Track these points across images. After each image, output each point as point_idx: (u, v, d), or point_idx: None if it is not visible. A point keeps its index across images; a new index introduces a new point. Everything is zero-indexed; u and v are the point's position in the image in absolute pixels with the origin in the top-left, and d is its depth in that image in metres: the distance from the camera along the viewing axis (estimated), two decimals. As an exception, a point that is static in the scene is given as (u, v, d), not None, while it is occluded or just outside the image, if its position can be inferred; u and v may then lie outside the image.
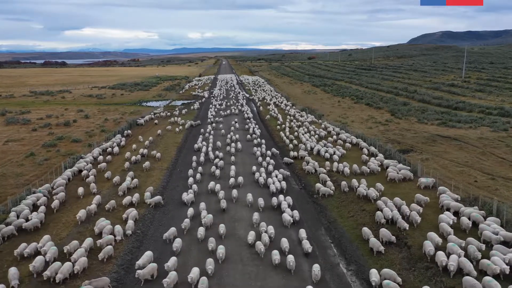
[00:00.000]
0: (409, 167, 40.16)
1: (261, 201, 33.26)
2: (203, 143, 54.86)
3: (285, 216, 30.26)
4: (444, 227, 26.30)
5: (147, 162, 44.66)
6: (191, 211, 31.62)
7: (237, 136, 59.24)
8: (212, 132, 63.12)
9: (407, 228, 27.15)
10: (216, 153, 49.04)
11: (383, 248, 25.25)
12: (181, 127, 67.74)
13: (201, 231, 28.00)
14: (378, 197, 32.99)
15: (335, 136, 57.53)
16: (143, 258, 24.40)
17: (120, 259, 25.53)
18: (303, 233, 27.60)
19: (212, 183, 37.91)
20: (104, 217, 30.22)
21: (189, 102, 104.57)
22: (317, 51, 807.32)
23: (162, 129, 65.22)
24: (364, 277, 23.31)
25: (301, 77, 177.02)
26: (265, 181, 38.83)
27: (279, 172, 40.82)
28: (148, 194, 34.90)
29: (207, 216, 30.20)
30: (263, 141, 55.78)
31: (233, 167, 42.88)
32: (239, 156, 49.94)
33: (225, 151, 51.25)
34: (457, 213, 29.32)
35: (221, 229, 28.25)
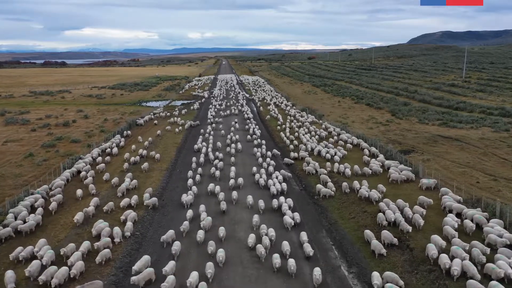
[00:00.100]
0: (411, 168, 39.87)
1: (261, 203, 32.82)
2: (203, 143, 54.44)
3: (286, 218, 29.85)
4: (448, 230, 25.93)
5: (145, 163, 44.28)
6: (190, 213, 31.18)
7: (237, 136, 58.84)
8: (212, 132, 62.71)
9: (410, 230, 26.82)
10: (216, 154, 48.63)
11: (385, 250, 24.95)
12: (180, 128, 67.41)
13: (200, 234, 27.48)
14: (380, 199, 32.66)
15: (336, 136, 57.07)
16: (139, 263, 23.76)
17: (118, 262, 25.16)
18: (304, 236, 27.21)
19: (211, 185, 37.51)
20: (102, 219, 29.90)
21: (189, 102, 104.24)
22: (317, 51, 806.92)
23: (161, 130, 64.89)
24: (366, 280, 22.99)
25: (301, 77, 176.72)
26: (266, 182, 38.46)
27: (280, 173, 40.47)
28: (147, 195, 34.57)
29: (206, 218, 29.71)
30: (263, 141, 55.37)
31: (233, 168, 42.53)
32: (239, 157, 49.59)
33: (225, 152, 50.86)
34: (459, 215, 29.05)
35: (220, 232, 27.75)
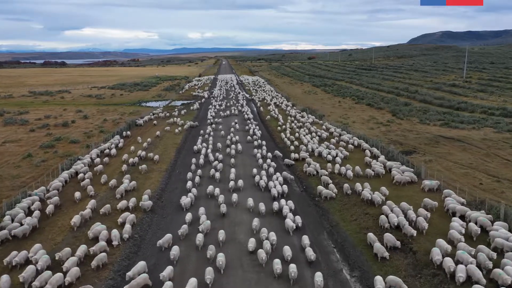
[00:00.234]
0: (413, 169, 39.40)
1: (262, 206, 32.14)
2: (202, 144, 53.87)
3: (288, 222, 29.17)
4: (454, 235, 25.26)
5: (144, 165, 43.49)
6: (189, 216, 30.49)
7: (237, 137, 58.27)
8: (211, 133, 62.16)
9: (414, 234, 26.25)
10: (216, 155, 48.03)
11: (387, 253, 24.51)
12: (180, 128, 66.92)
13: (199, 238, 26.75)
14: (383, 202, 32.03)
15: (337, 137, 56.29)
16: (135, 268, 22.98)
17: (116, 265, 24.72)
18: (306, 239, 26.63)
19: (211, 187, 36.69)
20: (100, 221, 29.40)
21: (188, 102, 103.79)
22: (317, 51, 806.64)
23: (161, 130, 64.43)
24: (368, 284, 22.59)
25: (301, 77, 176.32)
26: (266, 184, 37.89)
27: (282, 175, 39.77)
28: (146, 196, 34.10)
29: (205, 222, 29.04)
30: (264, 142, 54.84)
31: (233, 170, 42.01)
32: (239, 158, 49.07)
33: (224, 153, 50.30)
34: (463, 217, 28.63)
35: (220, 235, 27.10)
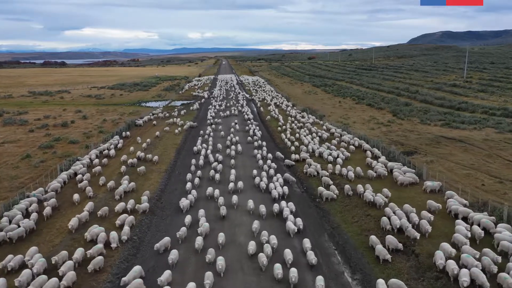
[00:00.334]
0: (414, 169, 39.06)
1: (262, 208, 31.63)
2: (202, 145, 53.44)
3: (289, 224, 28.69)
4: (459, 238, 24.76)
5: (142, 166, 42.89)
6: (188, 219, 30.02)
7: (237, 138, 57.85)
8: (211, 134, 61.76)
9: (417, 237, 25.79)
10: (216, 156, 47.61)
11: (389, 256, 24.18)
12: (180, 129, 66.55)
13: (198, 241, 26.27)
14: (386, 204, 31.61)
15: (338, 138, 55.69)
16: (131, 273, 22.43)
17: (115, 268, 24.41)
18: (307, 243, 26.08)
19: (210, 189, 36.17)
20: (98, 223, 29.04)
21: (188, 102, 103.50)
22: (317, 51, 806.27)
23: (160, 131, 64.10)
24: (370, 287, 22.27)
25: (302, 77, 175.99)
26: (267, 185, 37.48)
27: (285, 177, 39.33)
28: (145, 197, 33.76)
29: (204, 224, 28.54)
30: (264, 143, 54.44)
31: (233, 171, 41.58)
32: (240, 159, 48.69)
33: (224, 154, 49.92)
34: (465, 219, 28.31)
35: (220, 238, 26.63)
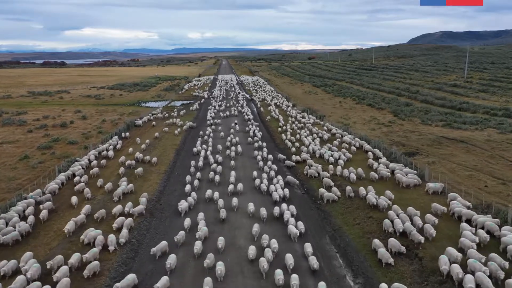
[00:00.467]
0: (416, 171, 38.61)
1: (263, 211, 31.00)
2: (202, 146, 52.92)
3: (291, 228, 27.99)
4: (465, 243, 24.20)
5: (140, 168, 42.15)
6: (188, 222, 29.33)
7: (237, 138, 57.31)
8: (211, 134, 61.20)
9: (422, 241, 25.27)
10: (216, 157, 47.02)
11: (392, 259, 23.75)
12: (179, 129, 66.07)
13: (197, 245, 25.62)
14: (389, 206, 30.97)
15: (339, 139, 55.11)
16: (124, 281, 21.76)
17: (113, 271, 23.97)
18: (309, 247, 25.44)
19: (209, 191, 35.58)
20: (95, 226, 28.52)
21: (188, 102, 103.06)
22: (317, 51, 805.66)
23: (160, 131, 63.65)
24: (373, 291, 21.88)
25: (302, 77, 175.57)
26: (267, 187, 36.90)
27: (287, 179, 38.80)
28: (143, 199, 33.30)
29: (202, 228, 27.93)
30: (264, 144, 53.91)
31: (233, 173, 40.99)
32: (240, 160, 48.17)
33: (224, 155, 49.38)
34: (469, 221, 27.85)
35: (219, 242, 26.01)
